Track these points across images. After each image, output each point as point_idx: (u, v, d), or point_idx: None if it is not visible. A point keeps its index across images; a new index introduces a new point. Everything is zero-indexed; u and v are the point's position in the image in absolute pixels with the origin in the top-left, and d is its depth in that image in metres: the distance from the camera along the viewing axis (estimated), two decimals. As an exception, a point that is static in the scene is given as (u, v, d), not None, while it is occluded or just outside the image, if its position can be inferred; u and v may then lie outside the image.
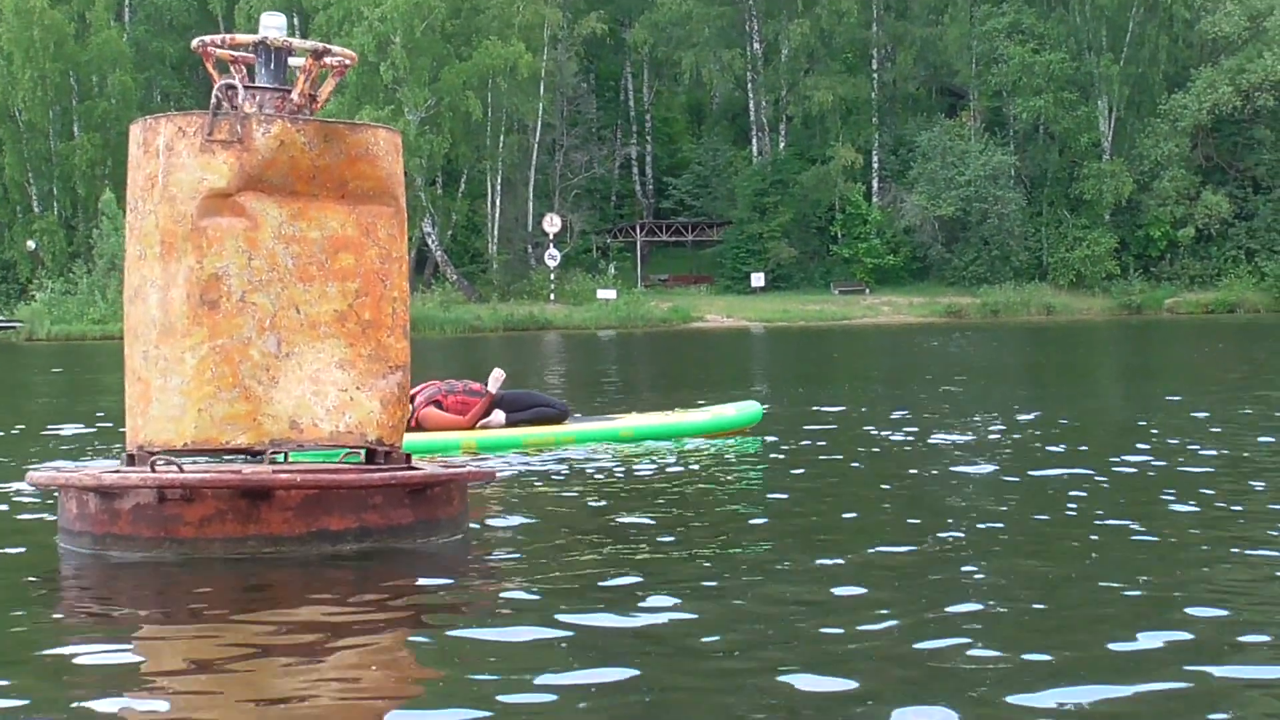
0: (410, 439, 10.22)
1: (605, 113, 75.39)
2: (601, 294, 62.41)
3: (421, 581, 5.44)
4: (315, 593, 5.13)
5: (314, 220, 5.90)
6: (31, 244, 63.55)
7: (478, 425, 10.59)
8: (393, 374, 6.08)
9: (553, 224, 64.68)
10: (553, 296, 62.20)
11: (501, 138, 65.32)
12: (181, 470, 5.71)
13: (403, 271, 6.14)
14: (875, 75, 71.49)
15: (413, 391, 10.54)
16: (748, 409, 11.22)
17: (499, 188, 65.93)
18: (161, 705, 3.78)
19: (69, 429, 12.47)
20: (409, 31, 60.34)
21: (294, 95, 5.99)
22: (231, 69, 6.18)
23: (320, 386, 5.89)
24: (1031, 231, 66.81)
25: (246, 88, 5.99)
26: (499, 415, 10.68)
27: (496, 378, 10.79)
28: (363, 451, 6.24)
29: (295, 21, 61.33)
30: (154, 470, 5.73)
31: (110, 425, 12.62)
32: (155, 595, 5.20)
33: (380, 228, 6.04)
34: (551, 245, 64.39)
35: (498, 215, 65.92)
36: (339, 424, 5.93)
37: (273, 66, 5.99)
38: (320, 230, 5.91)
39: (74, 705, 3.75)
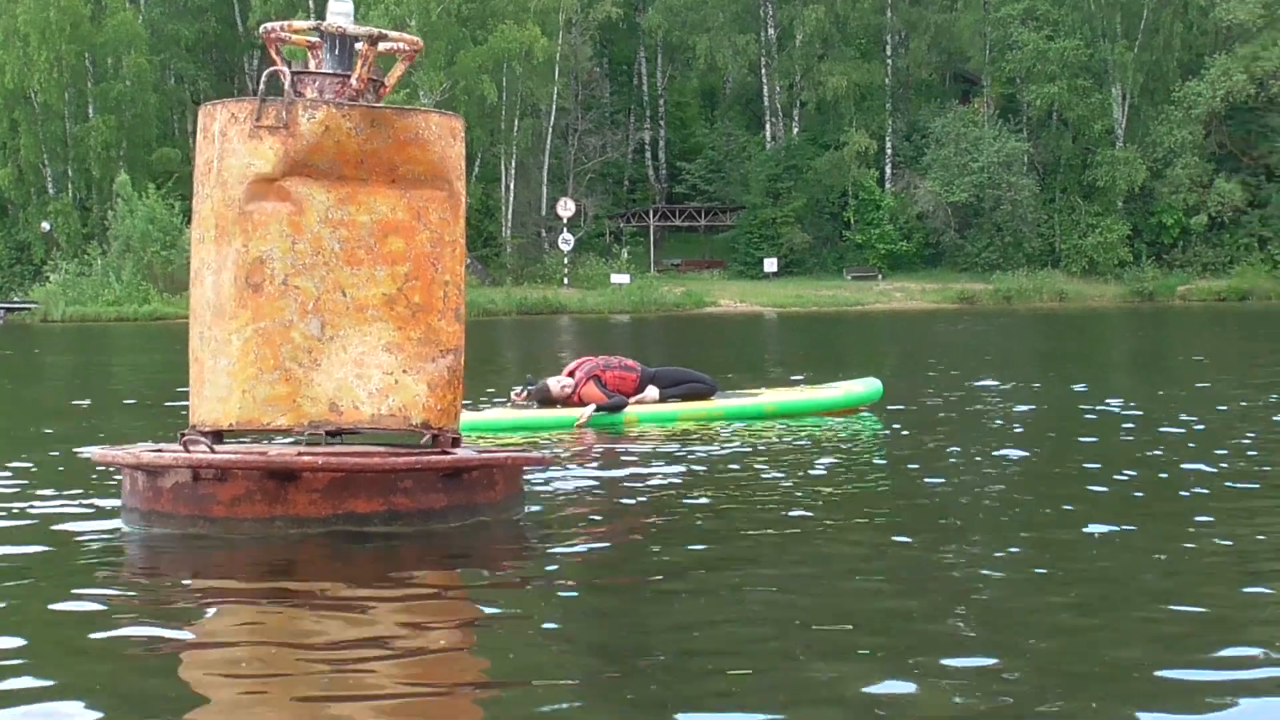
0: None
1: (619, 97, 75.36)
2: (615, 278, 62.40)
3: (443, 565, 5.45)
4: (340, 573, 5.17)
5: (363, 204, 5.93)
6: (46, 225, 63.63)
7: (634, 400, 10.97)
8: (443, 357, 6.07)
9: (566, 208, 64.73)
10: (566, 281, 62.24)
11: (516, 122, 65.36)
12: (212, 450, 5.79)
13: (456, 255, 6.13)
14: (889, 61, 71.52)
15: (571, 367, 11.02)
16: (873, 385, 11.59)
17: (513, 172, 65.97)
18: (184, 683, 3.87)
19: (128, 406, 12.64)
20: (425, 15, 60.37)
21: (353, 80, 6.03)
22: (309, 54, 6.22)
23: (364, 369, 5.91)
24: (1044, 218, 66.82)
25: (307, 73, 6.04)
26: (653, 391, 11.08)
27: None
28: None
29: (311, 4, 61.32)
30: (186, 450, 5.81)
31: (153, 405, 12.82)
32: (189, 572, 5.32)
33: (432, 212, 6.04)
34: (565, 229, 64.45)
35: (511, 199, 65.97)
36: (381, 407, 5.93)
37: (337, 52, 6.04)
38: (369, 214, 5.93)
39: (97, 679, 3.87)
